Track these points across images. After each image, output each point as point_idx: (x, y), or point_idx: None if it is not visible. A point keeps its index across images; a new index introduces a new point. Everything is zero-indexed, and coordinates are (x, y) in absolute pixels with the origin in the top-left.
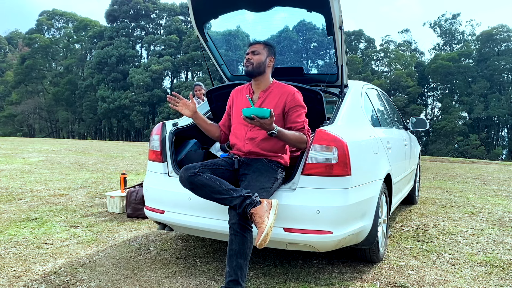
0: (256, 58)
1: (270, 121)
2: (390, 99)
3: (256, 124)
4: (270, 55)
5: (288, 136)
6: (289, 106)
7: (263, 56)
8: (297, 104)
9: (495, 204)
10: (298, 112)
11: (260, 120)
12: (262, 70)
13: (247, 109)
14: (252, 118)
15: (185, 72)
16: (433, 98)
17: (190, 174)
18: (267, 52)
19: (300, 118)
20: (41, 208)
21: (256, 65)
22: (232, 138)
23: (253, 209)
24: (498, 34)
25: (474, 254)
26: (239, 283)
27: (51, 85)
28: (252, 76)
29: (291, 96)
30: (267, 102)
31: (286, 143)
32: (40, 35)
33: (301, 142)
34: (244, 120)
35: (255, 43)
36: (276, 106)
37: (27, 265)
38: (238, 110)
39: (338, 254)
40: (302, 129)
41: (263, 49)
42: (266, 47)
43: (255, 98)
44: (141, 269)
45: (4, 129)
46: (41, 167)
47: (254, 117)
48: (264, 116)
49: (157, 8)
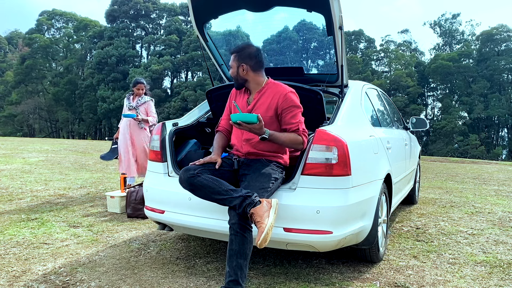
0: (231, 72)
1: (259, 125)
2: (390, 99)
3: (245, 129)
4: (240, 63)
5: (281, 139)
6: (281, 107)
7: (234, 68)
8: (290, 105)
9: (495, 204)
10: (292, 112)
11: (248, 125)
12: (240, 81)
13: (234, 115)
14: (240, 124)
15: (185, 72)
16: (433, 98)
17: (189, 175)
18: (236, 62)
19: (294, 119)
20: (41, 208)
21: (234, 79)
22: (232, 139)
23: (253, 209)
24: (498, 34)
25: (474, 254)
26: (239, 283)
27: (51, 85)
28: (240, 87)
29: (283, 97)
30: (259, 104)
31: (281, 146)
32: (40, 35)
33: (296, 143)
34: (234, 125)
35: (231, 54)
36: (268, 108)
37: (27, 265)
38: (231, 111)
39: (338, 254)
40: (297, 130)
41: (233, 61)
42: (236, 56)
43: (250, 100)
44: (141, 269)
45: (4, 129)
46: (41, 167)
47: (241, 123)
48: (252, 121)
49: (157, 8)
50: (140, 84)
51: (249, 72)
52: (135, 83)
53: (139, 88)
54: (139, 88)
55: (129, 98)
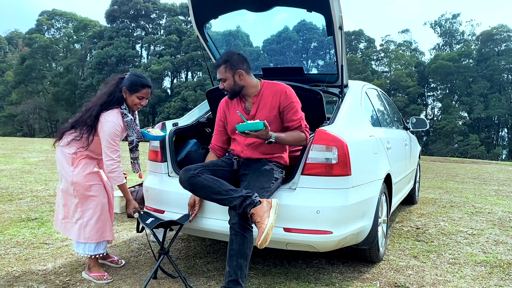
0: (226, 85)
1: (266, 131)
2: (390, 99)
3: (253, 137)
4: (235, 71)
5: (287, 139)
6: (283, 105)
7: (230, 79)
8: (291, 101)
9: (495, 204)
10: (293, 109)
11: (255, 132)
12: (238, 89)
13: (240, 125)
14: (247, 133)
15: (185, 72)
16: (433, 98)
17: (189, 175)
18: (230, 72)
19: (296, 116)
20: (41, 208)
21: (231, 91)
22: (232, 145)
23: (253, 209)
24: (498, 34)
25: (474, 254)
26: (239, 283)
27: (51, 85)
28: (234, 98)
29: (284, 94)
30: (261, 107)
31: (286, 145)
32: (40, 35)
33: (300, 140)
34: (241, 135)
35: (217, 67)
36: (271, 108)
37: (27, 265)
38: (233, 123)
39: (338, 254)
40: (300, 127)
41: (226, 72)
42: (227, 66)
43: (248, 106)
44: (141, 269)
45: (4, 129)
46: (41, 167)
47: (249, 132)
48: (259, 128)
49: (157, 8)
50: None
51: (245, 76)
52: (145, 85)
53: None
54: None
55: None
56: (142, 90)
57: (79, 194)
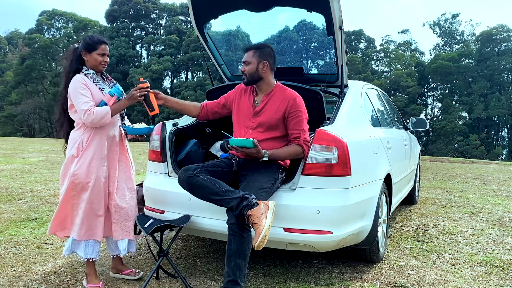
0: (248, 69)
1: (256, 150)
2: (390, 99)
3: (242, 153)
4: (262, 60)
5: (282, 155)
6: (289, 110)
7: (254, 64)
8: (297, 109)
9: (495, 204)
10: (298, 117)
11: (244, 150)
12: (256, 78)
13: (232, 139)
14: (236, 149)
15: (185, 72)
16: (433, 98)
17: (188, 175)
18: (257, 58)
19: (298, 126)
20: (41, 208)
21: (249, 76)
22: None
23: (250, 211)
24: (498, 34)
25: (474, 254)
26: (238, 283)
27: (51, 85)
28: (250, 85)
29: (292, 101)
30: (268, 107)
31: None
32: (40, 35)
33: (297, 155)
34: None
35: (247, 50)
36: (277, 110)
37: (27, 265)
38: (239, 112)
39: (338, 254)
40: (297, 139)
41: (253, 57)
42: (256, 52)
43: (257, 101)
44: (141, 269)
45: (4, 129)
46: (41, 167)
47: (237, 148)
48: (248, 146)
49: (157, 8)
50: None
51: (268, 70)
52: (101, 41)
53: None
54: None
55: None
56: (101, 46)
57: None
